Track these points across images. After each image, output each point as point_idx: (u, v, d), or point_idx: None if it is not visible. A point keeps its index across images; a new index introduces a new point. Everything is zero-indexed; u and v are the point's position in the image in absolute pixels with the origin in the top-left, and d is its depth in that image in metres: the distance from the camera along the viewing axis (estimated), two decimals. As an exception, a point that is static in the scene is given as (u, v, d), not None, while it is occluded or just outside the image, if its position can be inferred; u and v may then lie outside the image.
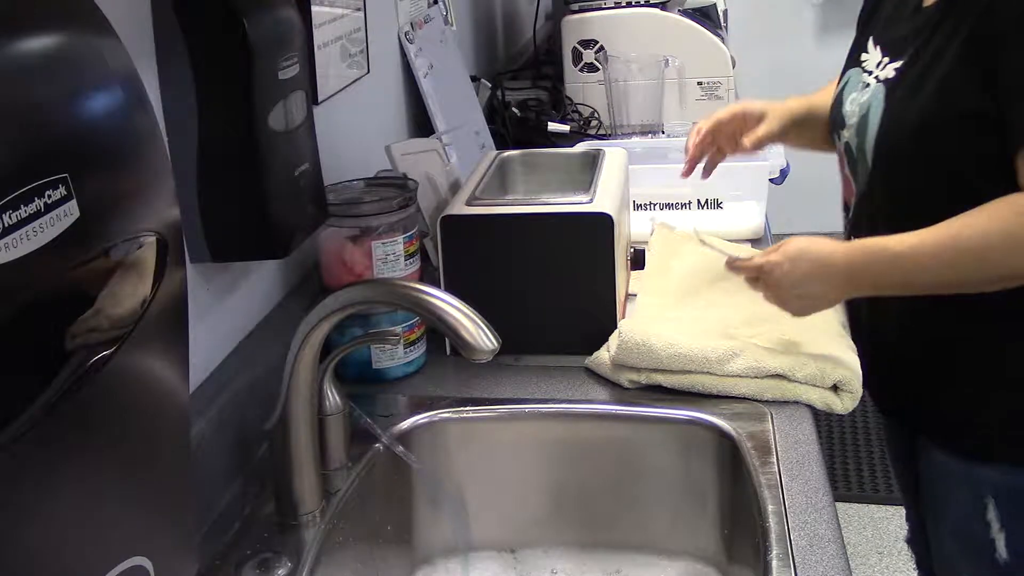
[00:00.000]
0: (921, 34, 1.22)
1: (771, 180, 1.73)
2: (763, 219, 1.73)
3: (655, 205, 1.74)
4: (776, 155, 1.73)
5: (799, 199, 1.61)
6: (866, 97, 1.27)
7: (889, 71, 1.25)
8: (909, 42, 1.24)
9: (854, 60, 1.36)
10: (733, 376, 1.20)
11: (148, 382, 0.68)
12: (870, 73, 1.29)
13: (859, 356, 1.28)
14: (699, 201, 1.73)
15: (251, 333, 1.18)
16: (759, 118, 1.49)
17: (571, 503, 1.24)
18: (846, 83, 1.35)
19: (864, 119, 1.26)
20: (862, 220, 1.30)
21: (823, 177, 1.67)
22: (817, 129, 1.46)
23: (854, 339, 1.33)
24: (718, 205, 1.73)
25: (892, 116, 1.22)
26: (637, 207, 1.72)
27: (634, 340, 1.21)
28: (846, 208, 1.38)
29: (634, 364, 1.22)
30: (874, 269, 1.18)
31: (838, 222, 1.40)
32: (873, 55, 1.31)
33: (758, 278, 1.24)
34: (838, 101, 1.36)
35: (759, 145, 1.50)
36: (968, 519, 1.29)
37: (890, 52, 1.27)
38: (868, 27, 1.37)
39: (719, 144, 1.51)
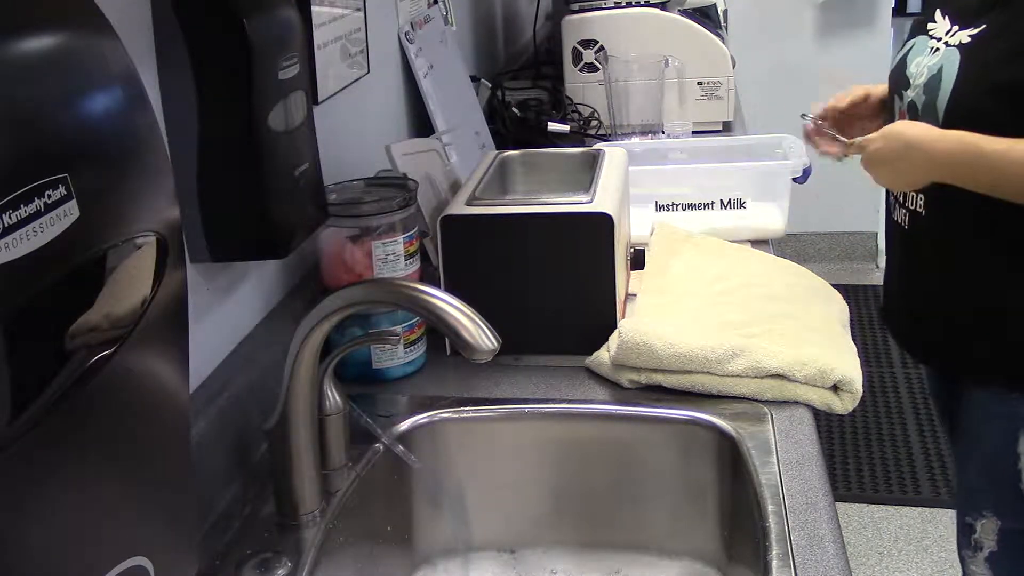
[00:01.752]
0: (994, 5, 1.32)
1: (794, 179, 1.72)
2: (786, 219, 1.72)
3: (678, 206, 1.74)
4: (798, 154, 1.73)
5: (813, 198, 1.62)
6: (936, 60, 1.37)
7: (963, 37, 1.35)
8: (981, 12, 1.34)
9: (920, 28, 1.47)
10: (733, 376, 1.20)
11: (148, 382, 0.68)
12: (938, 39, 1.40)
13: (896, 305, 1.40)
14: (722, 201, 1.73)
15: (251, 333, 1.18)
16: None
17: (571, 503, 1.24)
18: (911, 48, 1.46)
19: (935, 79, 1.36)
20: None
21: (841, 177, 1.67)
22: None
23: (894, 285, 1.44)
24: (741, 205, 1.73)
25: (970, 76, 1.31)
26: (660, 208, 1.72)
27: (634, 340, 1.21)
28: None
29: (634, 364, 1.22)
30: (958, 160, 1.28)
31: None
32: (941, 24, 1.42)
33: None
34: (901, 64, 1.46)
35: None
36: (998, 450, 1.37)
37: (960, 21, 1.38)
38: (933, 1, 1.49)
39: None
